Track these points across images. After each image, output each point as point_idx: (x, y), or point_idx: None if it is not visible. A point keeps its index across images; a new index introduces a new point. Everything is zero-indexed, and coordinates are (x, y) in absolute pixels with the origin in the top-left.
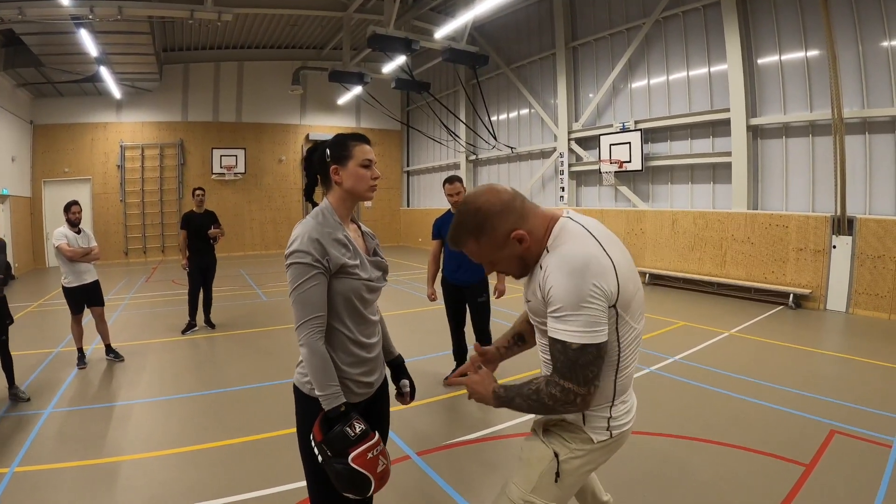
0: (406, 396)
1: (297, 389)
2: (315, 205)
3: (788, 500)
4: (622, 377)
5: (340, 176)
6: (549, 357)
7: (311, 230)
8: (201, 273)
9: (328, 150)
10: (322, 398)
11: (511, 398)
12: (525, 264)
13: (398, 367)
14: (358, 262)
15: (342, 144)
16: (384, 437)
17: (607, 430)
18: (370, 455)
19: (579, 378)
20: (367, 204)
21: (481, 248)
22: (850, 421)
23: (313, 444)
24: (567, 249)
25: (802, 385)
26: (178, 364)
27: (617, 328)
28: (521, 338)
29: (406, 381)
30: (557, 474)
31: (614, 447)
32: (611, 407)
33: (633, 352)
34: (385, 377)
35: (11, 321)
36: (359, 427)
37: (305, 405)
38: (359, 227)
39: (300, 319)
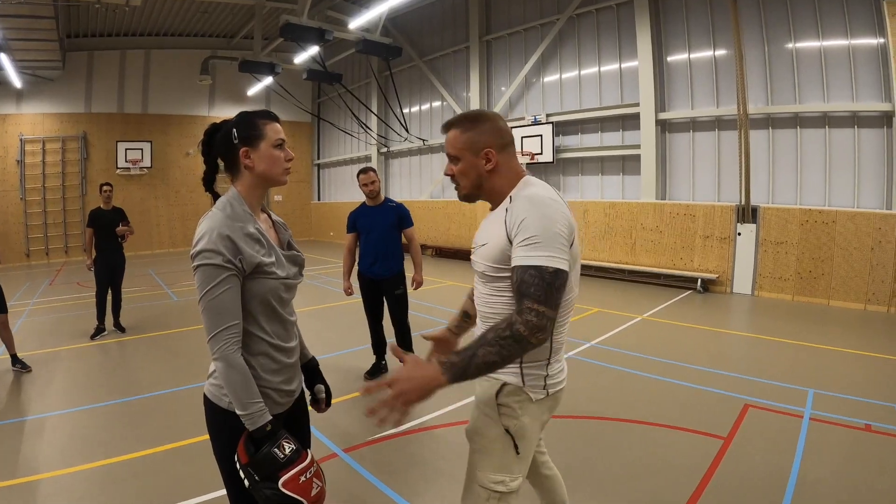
0: (321, 403)
1: (209, 402)
2: (217, 196)
3: (710, 471)
4: (559, 334)
5: (252, 159)
6: (492, 308)
7: (220, 225)
8: (109, 273)
9: (234, 130)
10: (245, 417)
11: (467, 360)
12: (478, 186)
13: (313, 371)
14: (273, 259)
15: (250, 123)
16: (305, 443)
17: (544, 388)
18: (303, 478)
19: (553, 302)
20: (278, 197)
21: (459, 138)
22: (762, 395)
23: (238, 466)
24: (537, 191)
25: (714, 364)
26: (89, 372)
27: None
28: (467, 315)
29: (321, 387)
30: (516, 446)
31: (552, 405)
32: (547, 364)
33: (568, 312)
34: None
35: None
36: (288, 447)
37: (222, 420)
38: (269, 217)
39: (213, 329)
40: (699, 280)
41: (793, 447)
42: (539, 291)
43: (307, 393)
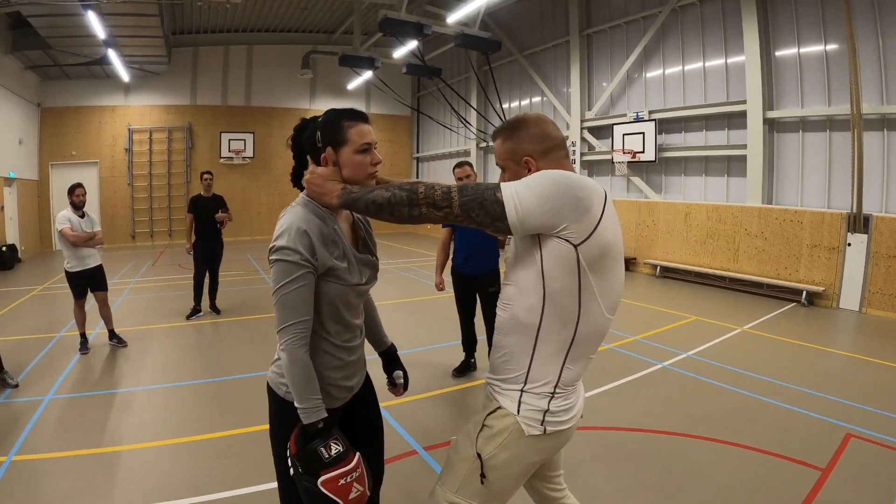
0: (399, 388)
1: (270, 389)
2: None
3: None
4: (571, 364)
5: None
6: (500, 309)
7: (300, 221)
8: (208, 258)
9: (319, 133)
10: (301, 411)
11: (362, 194)
12: None
13: (391, 357)
14: (346, 264)
15: (335, 125)
16: (376, 433)
17: (541, 423)
18: (342, 481)
19: (468, 207)
20: None
21: (502, 147)
22: (866, 424)
23: (288, 453)
24: (577, 174)
25: (817, 385)
26: (181, 350)
27: (579, 283)
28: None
29: (400, 372)
30: (483, 475)
31: (548, 447)
32: (551, 397)
33: (589, 340)
34: (367, 377)
35: None
36: (335, 449)
37: (280, 408)
38: (352, 214)
39: (282, 323)
40: (804, 292)
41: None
42: (471, 190)
43: (381, 379)
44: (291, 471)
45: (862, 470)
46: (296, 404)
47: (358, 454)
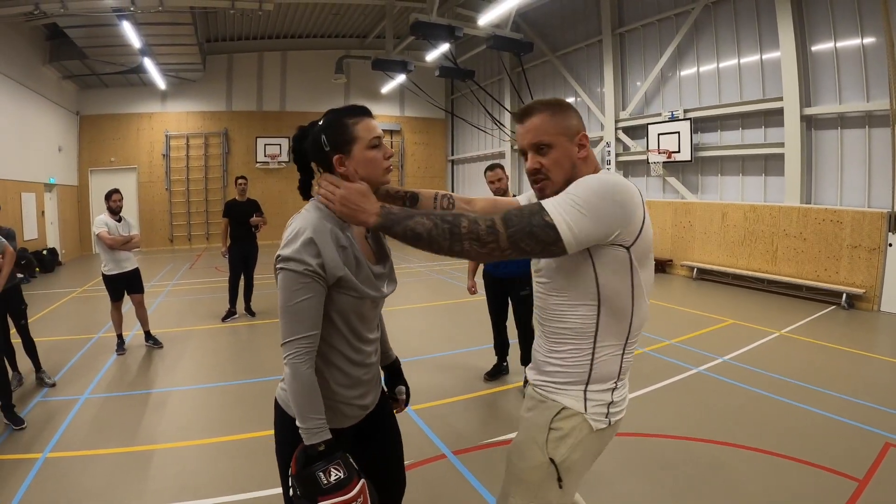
0: (400, 403)
1: (277, 405)
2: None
3: None
4: (629, 355)
5: (346, 167)
6: (537, 313)
7: (309, 227)
8: (243, 261)
9: (324, 137)
10: (302, 431)
11: (402, 219)
12: (569, 180)
13: (395, 372)
14: (360, 274)
15: (340, 125)
16: (394, 447)
17: (606, 416)
18: None
19: (517, 239)
20: None
21: (551, 121)
22: None
23: (290, 472)
24: (612, 175)
25: (856, 392)
26: (216, 352)
27: (632, 280)
28: (416, 198)
29: (402, 388)
30: (559, 479)
31: (609, 437)
32: (613, 390)
33: (639, 328)
34: (382, 393)
35: (26, 305)
36: (335, 475)
37: (284, 425)
38: None
39: (287, 336)
40: (844, 295)
41: None
42: (517, 220)
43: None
44: (291, 491)
45: None
46: (297, 423)
47: (363, 481)
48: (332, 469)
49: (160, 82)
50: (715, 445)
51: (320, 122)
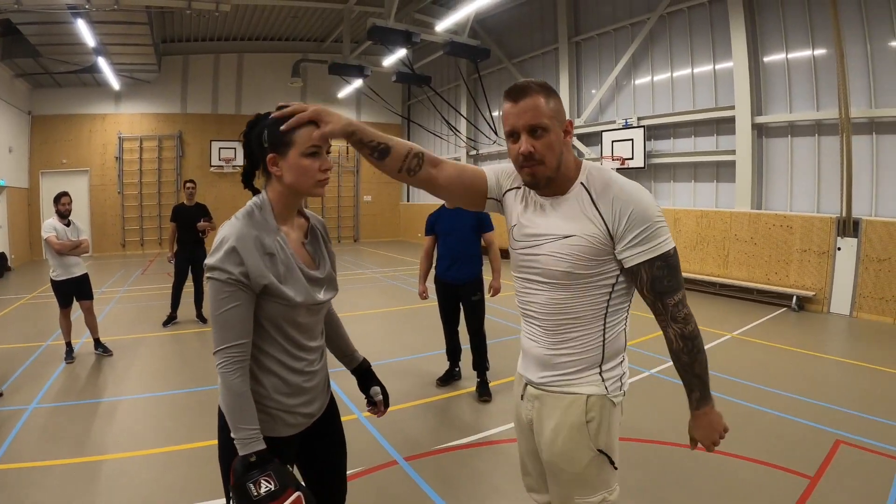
0: (380, 405)
1: (219, 412)
2: (257, 192)
3: None
4: (629, 324)
5: (279, 167)
6: (577, 313)
7: (234, 236)
8: (188, 266)
9: (266, 133)
10: (236, 441)
11: (703, 381)
12: (558, 167)
13: (365, 374)
14: (288, 280)
15: (282, 125)
16: (339, 459)
17: (621, 388)
18: None
19: (681, 280)
20: (367, 198)
21: (546, 104)
22: (855, 430)
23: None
24: (621, 178)
25: (807, 391)
26: (167, 359)
27: None
28: (387, 151)
29: (377, 388)
30: (612, 462)
31: (624, 404)
32: (622, 362)
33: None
34: (331, 400)
35: None
36: (266, 486)
37: (225, 433)
38: (307, 222)
39: (217, 345)
40: (794, 297)
41: (885, 493)
42: (672, 280)
43: (341, 399)
44: (231, 501)
45: (850, 477)
46: (231, 434)
47: (298, 493)
48: (263, 481)
49: (114, 83)
50: (669, 447)
51: (271, 116)
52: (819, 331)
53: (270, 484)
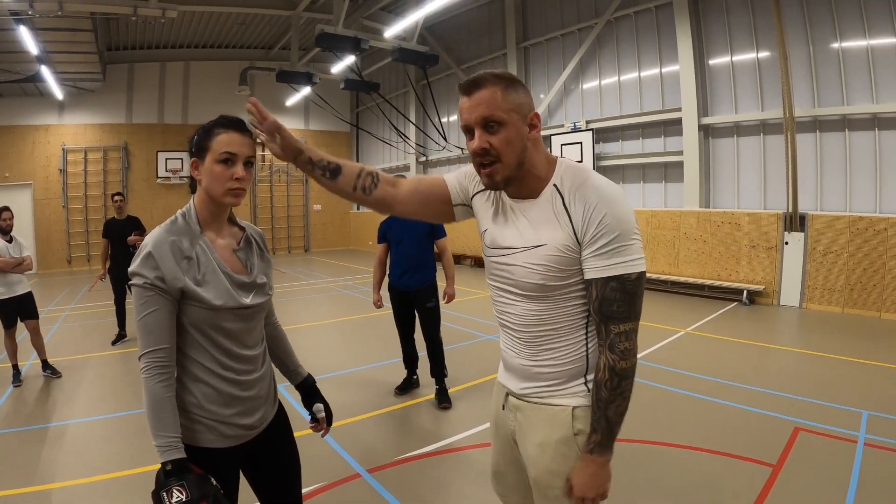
0: (322, 423)
1: None
2: None
3: (759, 502)
4: None
5: (199, 172)
6: (553, 326)
7: (151, 242)
8: (122, 283)
9: (195, 137)
10: (156, 449)
11: (607, 429)
12: (521, 163)
13: (309, 390)
14: (209, 285)
15: (207, 132)
16: (287, 473)
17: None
18: None
19: (636, 311)
20: (317, 207)
21: (504, 96)
22: (813, 417)
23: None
24: (599, 179)
25: (762, 382)
26: (118, 379)
27: None
28: (338, 171)
29: (320, 405)
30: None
31: None
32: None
33: None
34: (278, 412)
35: None
36: (177, 496)
37: None
38: (242, 232)
39: (141, 349)
40: (745, 292)
41: (847, 476)
42: (624, 308)
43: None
44: None
45: (812, 462)
46: (152, 441)
47: None
48: (175, 490)
49: (58, 92)
50: (631, 444)
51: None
52: (770, 323)
53: (182, 494)
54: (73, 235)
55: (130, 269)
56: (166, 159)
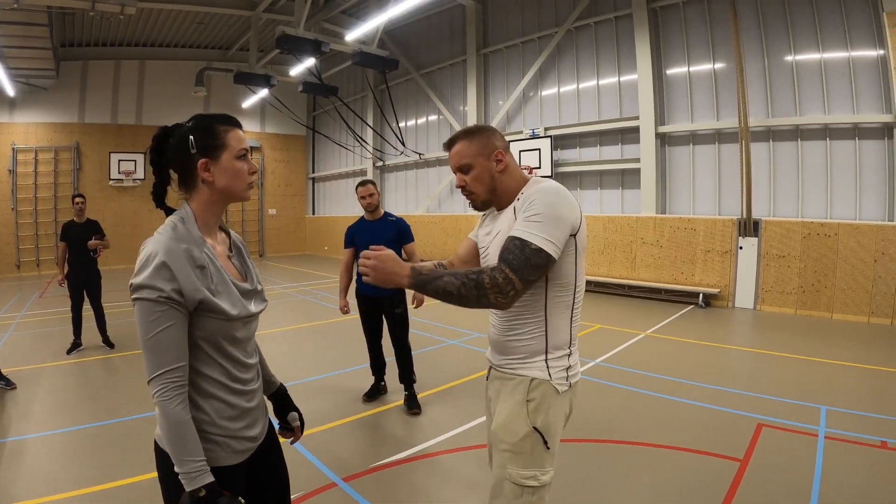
0: (297, 431)
1: (158, 448)
2: (171, 211)
3: (730, 496)
4: (575, 322)
5: (212, 172)
6: (514, 311)
7: (162, 250)
8: (80, 289)
9: (192, 139)
10: (181, 477)
11: (431, 279)
12: (492, 189)
13: (283, 399)
14: (221, 293)
15: (211, 130)
16: (284, 485)
17: (567, 380)
18: None
19: (524, 275)
20: (272, 211)
21: (469, 146)
22: (775, 414)
23: None
24: (551, 183)
25: (723, 381)
26: (75, 390)
27: (576, 260)
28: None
29: (295, 414)
30: (545, 443)
31: (573, 396)
32: (569, 356)
33: (581, 299)
34: (269, 422)
35: None
36: None
37: (167, 468)
38: (229, 238)
39: (152, 371)
40: (701, 295)
41: (811, 467)
42: (516, 261)
43: (275, 422)
44: None
45: (778, 456)
46: (175, 468)
47: None
48: None
49: (9, 89)
50: (599, 444)
51: (189, 123)
52: (727, 324)
53: None
54: (22, 239)
55: (138, 281)
56: (119, 161)
